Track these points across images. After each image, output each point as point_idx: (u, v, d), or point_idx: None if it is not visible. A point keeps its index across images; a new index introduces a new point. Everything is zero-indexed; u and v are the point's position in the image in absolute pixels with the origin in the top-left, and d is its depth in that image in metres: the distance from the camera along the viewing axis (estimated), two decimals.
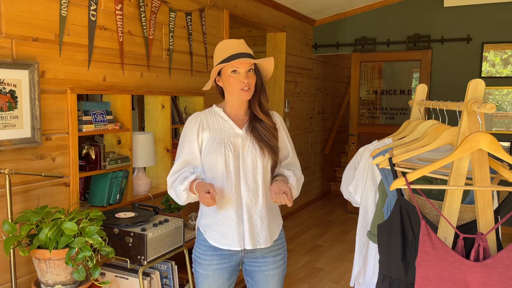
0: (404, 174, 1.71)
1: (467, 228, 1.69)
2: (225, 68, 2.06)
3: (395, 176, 1.83)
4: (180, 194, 2.06)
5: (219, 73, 2.11)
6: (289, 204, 1.93)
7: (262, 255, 2.14)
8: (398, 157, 1.91)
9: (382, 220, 2.07)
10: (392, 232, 1.67)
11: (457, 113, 1.79)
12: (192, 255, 2.22)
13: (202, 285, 2.17)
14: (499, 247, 1.66)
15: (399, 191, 1.73)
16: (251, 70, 2.06)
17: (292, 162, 2.23)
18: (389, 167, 1.90)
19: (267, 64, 2.13)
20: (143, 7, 3.35)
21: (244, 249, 2.09)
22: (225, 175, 2.06)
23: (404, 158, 1.88)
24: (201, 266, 2.15)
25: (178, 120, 3.88)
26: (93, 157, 3.03)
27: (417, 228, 1.64)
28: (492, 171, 1.85)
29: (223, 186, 2.07)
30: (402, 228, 1.67)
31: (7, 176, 2.35)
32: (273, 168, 2.15)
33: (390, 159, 1.84)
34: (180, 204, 2.13)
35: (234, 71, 2.04)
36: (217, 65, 2.07)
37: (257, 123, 2.11)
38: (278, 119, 2.21)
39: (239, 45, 2.09)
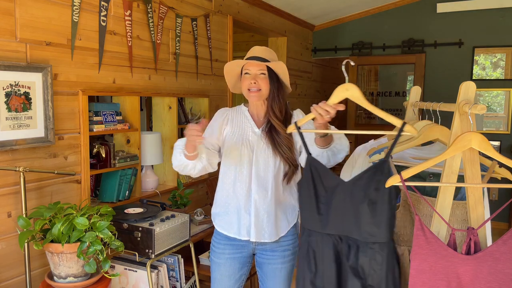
0: (399, 171, 1.70)
1: None
2: (242, 70, 2.10)
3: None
4: (174, 156, 2.06)
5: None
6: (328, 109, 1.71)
7: (272, 249, 2.14)
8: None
9: None
10: (306, 189, 1.68)
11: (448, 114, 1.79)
12: (210, 245, 2.25)
13: (214, 273, 2.19)
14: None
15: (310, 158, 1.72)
16: (263, 74, 2.04)
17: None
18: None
19: (279, 68, 2.07)
20: (151, 13, 3.34)
21: (249, 240, 2.09)
22: (238, 169, 2.07)
23: (394, 152, 1.91)
24: (215, 254, 2.18)
25: (184, 120, 3.88)
26: (103, 155, 3.03)
27: (327, 181, 1.65)
28: (483, 169, 1.85)
29: (235, 180, 2.08)
30: (314, 184, 1.67)
31: (21, 173, 2.36)
32: (290, 173, 2.10)
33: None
34: (180, 172, 2.09)
35: (246, 72, 2.05)
36: (227, 66, 2.11)
37: (272, 126, 2.10)
38: (296, 116, 2.15)
39: (258, 50, 2.10)
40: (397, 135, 1.60)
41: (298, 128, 1.71)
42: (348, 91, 1.65)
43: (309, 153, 1.71)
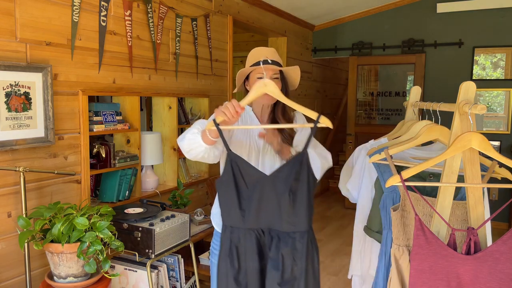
0: (399, 171, 1.70)
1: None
2: (252, 73, 2.06)
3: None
4: (190, 132, 1.82)
5: (247, 78, 2.11)
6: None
7: None
8: (390, 151, 1.93)
9: (378, 215, 2.07)
10: (227, 186, 1.70)
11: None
12: (210, 247, 2.23)
13: (215, 275, 2.18)
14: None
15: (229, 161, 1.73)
16: (277, 78, 2.06)
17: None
18: (385, 163, 1.90)
19: (293, 72, 2.10)
20: (151, 13, 3.35)
21: None
22: None
23: (394, 152, 1.91)
24: (216, 257, 2.17)
25: (184, 120, 3.88)
26: (104, 155, 3.03)
27: (248, 176, 1.68)
28: (483, 169, 1.85)
29: None
30: (235, 180, 1.69)
31: (22, 173, 2.36)
32: None
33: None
34: (184, 151, 1.86)
35: (260, 77, 2.03)
36: (242, 70, 2.07)
37: (277, 128, 2.08)
38: (300, 119, 2.16)
39: (268, 52, 2.08)
40: (314, 126, 1.68)
41: (217, 125, 1.71)
42: (266, 87, 1.74)
43: (229, 149, 1.71)
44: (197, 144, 1.80)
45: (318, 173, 1.97)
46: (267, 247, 1.69)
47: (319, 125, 1.67)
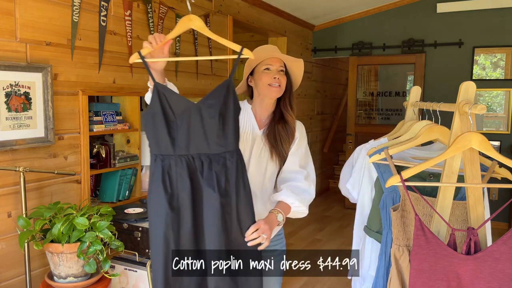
0: (399, 171, 1.70)
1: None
2: (258, 66, 2.07)
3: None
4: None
5: (251, 73, 2.11)
6: (261, 247, 1.85)
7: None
8: (390, 151, 1.93)
9: (378, 215, 2.07)
10: (155, 116, 1.73)
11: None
12: None
13: None
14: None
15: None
16: (282, 71, 2.06)
17: (290, 168, 2.09)
18: (385, 163, 1.90)
19: (296, 68, 2.10)
20: (150, 13, 3.34)
21: None
22: None
23: (394, 152, 1.91)
24: None
25: None
26: (104, 155, 3.03)
27: (176, 106, 1.72)
28: (483, 169, 1.85)
29: None
30: (163, 110, 1.72)
31: (22, 173, 2.35)
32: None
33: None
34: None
35: (267, 68, 2.04)
36: (250, 60, 2.06)
37: (279, 125, 2.08)
38: (300, 128, 2.16)
39: (273, 48, 2.11)
40: (237, 58, 1.76)
41: (142, 57, 1.74)
42: (191, 22, 1.78)
43: (155, 81, 1.74)
44: (148, 96, 1.85)
45: (303, 207, 2.03)
46: (198, 171, 1.74)
47: (242, 56, 1.75)
